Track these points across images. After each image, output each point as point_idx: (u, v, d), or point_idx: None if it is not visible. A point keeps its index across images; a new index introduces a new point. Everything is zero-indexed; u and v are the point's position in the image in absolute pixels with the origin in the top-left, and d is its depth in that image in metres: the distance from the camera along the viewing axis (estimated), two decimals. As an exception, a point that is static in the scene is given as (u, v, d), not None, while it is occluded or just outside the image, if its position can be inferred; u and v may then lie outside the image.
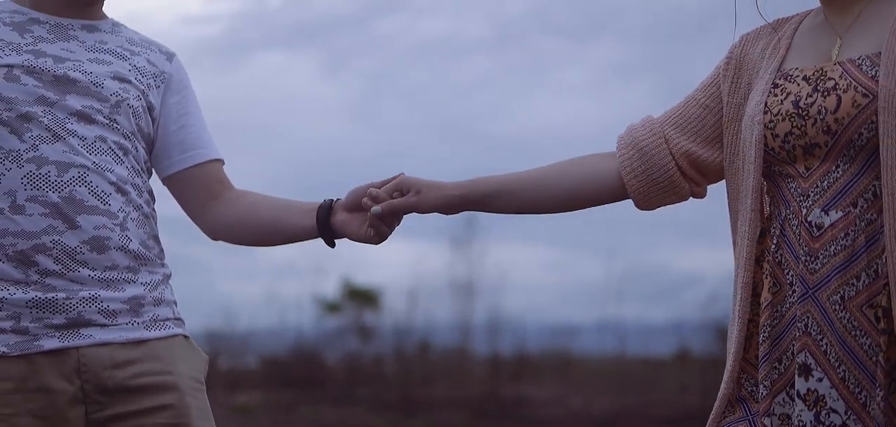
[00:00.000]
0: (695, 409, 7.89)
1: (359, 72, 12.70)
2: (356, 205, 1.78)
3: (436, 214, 1.76)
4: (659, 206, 1.65)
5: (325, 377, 11.74)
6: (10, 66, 1.66)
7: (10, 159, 1.62)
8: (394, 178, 1.75)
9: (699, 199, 1.66)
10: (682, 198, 1.64)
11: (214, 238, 1.92)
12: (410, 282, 11.37)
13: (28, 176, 1.62)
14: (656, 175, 1.62)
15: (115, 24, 1.81)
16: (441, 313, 9.49)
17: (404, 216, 1.77)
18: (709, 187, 1.66)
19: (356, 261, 14.59)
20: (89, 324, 1.63)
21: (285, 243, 1.91)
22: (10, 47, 1.68)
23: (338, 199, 1.83)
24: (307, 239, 1.86)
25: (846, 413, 1.39)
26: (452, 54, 12.75)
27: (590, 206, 1.69)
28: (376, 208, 1.73)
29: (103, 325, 1.64)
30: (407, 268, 12.54)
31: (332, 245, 1.85)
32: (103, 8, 1.80)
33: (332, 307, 12.60)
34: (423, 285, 11.07)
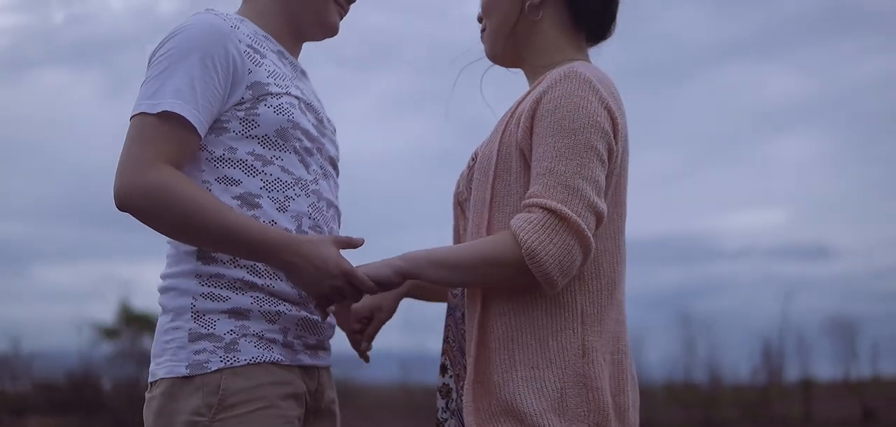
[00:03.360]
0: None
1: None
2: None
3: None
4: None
5: (103, 403, 11.36)
6: (298, 99, 1.70)
7: (299, 186, 1.68)
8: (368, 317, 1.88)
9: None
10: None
11: None
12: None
13: (312, 206, 1.69)
14: None
15: None
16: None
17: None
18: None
19: (136, 284, 14.24)
20: (323, 348, 1.74)
21: None
22: (287, 78, 1.71)
23: None
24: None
25: (458, 401, 1.67)
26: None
27: None
28: (366, 348, 1.88)
29: (326, 350, 1.75)
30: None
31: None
32: None
33: (109, 332, 12.20)
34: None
